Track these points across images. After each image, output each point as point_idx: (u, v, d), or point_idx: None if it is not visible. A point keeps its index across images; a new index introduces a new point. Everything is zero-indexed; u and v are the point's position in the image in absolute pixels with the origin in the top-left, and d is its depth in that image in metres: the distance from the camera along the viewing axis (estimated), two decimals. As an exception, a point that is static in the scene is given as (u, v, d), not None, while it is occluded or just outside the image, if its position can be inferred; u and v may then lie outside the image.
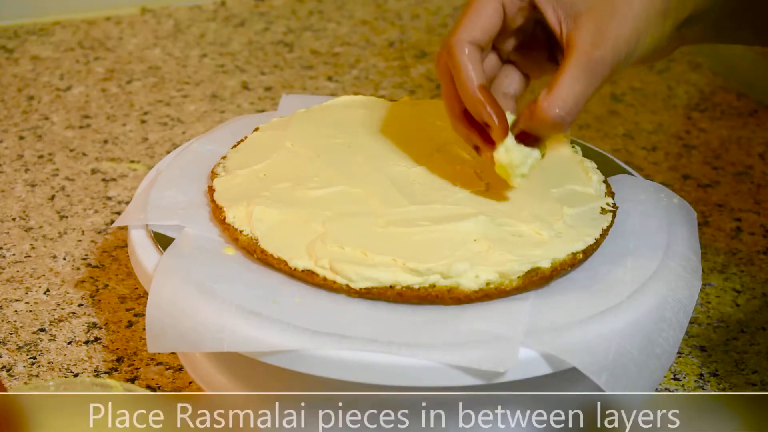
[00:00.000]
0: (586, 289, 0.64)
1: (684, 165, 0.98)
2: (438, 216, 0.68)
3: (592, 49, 0.63)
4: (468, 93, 0.66)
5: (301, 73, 1.15)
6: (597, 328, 0.61)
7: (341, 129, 0.77)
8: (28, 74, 1.13)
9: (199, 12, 1.28)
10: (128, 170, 0.96)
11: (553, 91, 0.64)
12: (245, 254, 0.67)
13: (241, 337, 0.60)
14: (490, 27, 0.67)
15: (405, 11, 1.30)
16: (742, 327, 0.79)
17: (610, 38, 0.63)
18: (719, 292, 0.82)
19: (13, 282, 0.81)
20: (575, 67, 0.64)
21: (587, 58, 0.63)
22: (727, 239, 0.88)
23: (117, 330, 0.77)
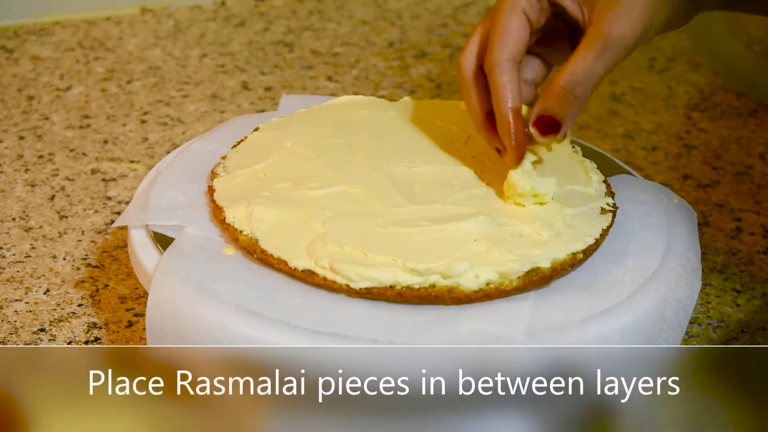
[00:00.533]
0: (586, 289, 0.65)
1: (684, 165, 0.98)
2: (438, 216, 0.68)
3: (609, 27, 0.64)
4: (502, 112, 0.67)
5: (301, 73, 1.15)
6: (597, 328, 0.62)
7: (341, 129, 0.77)
8: (28, 74, 1.13)
9: (199, 12, 1.28)
10: (128, 170, 0.96)
11: (567, 67, 0.65)
12: (245, 254, 0.67)
13: (241, 337, 0.60)
14: (522, 39, 0.67)
15: (405, 11, 1.30)
16: (742, 327, 0.78)
17: (627, 15, 0.64)
18: (719, 292, 0.82)
19: (13, 282, 0.81)
20: (591, 45, 0.64)
21: (604, 36, 0.64)
22: (727, 239, 0.88)
23: (117, 330, 0.77)
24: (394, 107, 0.81)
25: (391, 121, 0.78)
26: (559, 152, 0.76)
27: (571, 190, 0.71)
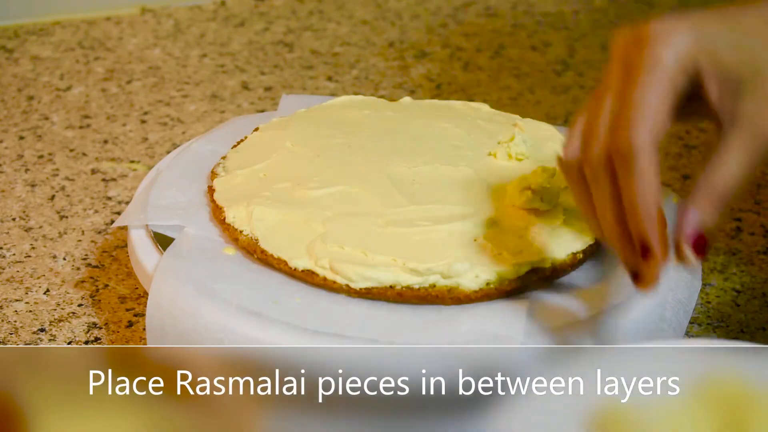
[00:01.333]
0: (585, 290, 0.65)
1: (684, 165, 0.98)
2: (438, 216, 0.68)
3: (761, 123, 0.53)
4: (643, 212, 0.54)
5: (301, 73, 1.15)
6: (596, 328, 0.62)
7: (341, 129, 0.77)
8: (28, 74, 1.13)
9: (199, 12, 1.28)
10: (128, 170, 0.96)
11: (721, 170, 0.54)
12: (245, 254, 0.67)
13: (241, 337, 0.60)
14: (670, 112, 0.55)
15: (405, 11, 1.30)
16: (742, 327, 0.78)
17: None
18: (719, 292, 0.82)
19: (13, 282, 0.81)
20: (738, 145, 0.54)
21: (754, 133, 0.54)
22: (727, 239, 0.88)
23: (117, 330, 0.77)
24: (394, 107, 0.80)
25: (391, 121, 0.78)
26: (559, 152, 0.76)
27: (571, 190, 0.71)
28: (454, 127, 0.78)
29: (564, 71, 1.16)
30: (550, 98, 1.09)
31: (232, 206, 0.68)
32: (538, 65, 1.16)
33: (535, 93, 1.11)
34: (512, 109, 0.86)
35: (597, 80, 1.15)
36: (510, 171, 0.73)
